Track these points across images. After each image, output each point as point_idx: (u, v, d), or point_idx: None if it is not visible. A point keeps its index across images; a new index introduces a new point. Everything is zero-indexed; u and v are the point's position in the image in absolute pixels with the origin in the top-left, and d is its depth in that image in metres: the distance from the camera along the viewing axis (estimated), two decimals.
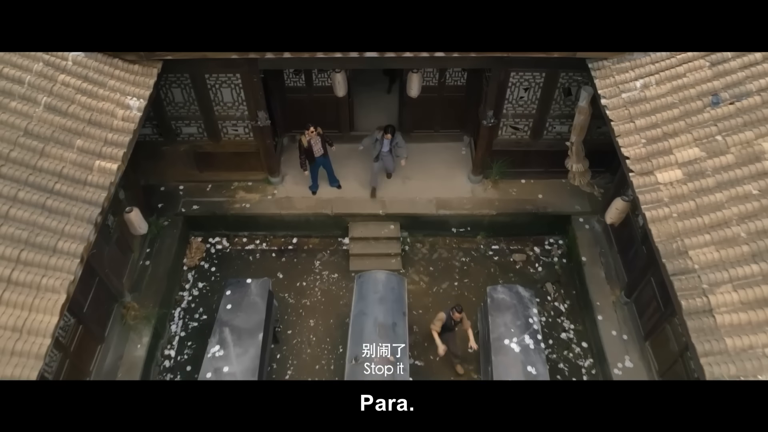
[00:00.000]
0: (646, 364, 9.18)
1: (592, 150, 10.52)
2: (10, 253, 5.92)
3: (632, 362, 9.34)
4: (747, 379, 5.04)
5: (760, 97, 6.85)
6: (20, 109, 6.93)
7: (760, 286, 5.70)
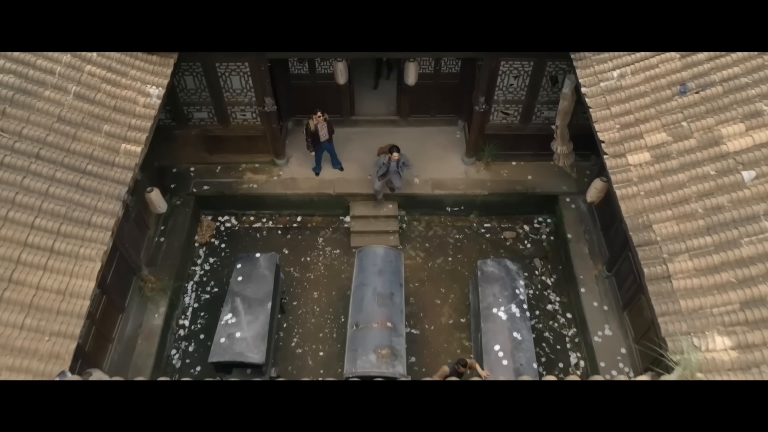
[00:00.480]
0: (623, 332, 9.97)
1: (579, 134, 11.21)
2: (51, 226, 6.70)
3: (611, 331, 10.14)
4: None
5: (722, 87, 7.57)
6: (53, 98, 7.66)
7: (711, 255, 6.48)
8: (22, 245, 6.45)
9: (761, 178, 6.70)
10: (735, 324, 6.02)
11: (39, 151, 7.12)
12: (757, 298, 6.05)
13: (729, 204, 6.71)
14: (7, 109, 7.23)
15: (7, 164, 6.86)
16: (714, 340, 5.98)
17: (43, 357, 5.97)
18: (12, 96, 7.36)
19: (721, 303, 6.17)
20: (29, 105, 7.43)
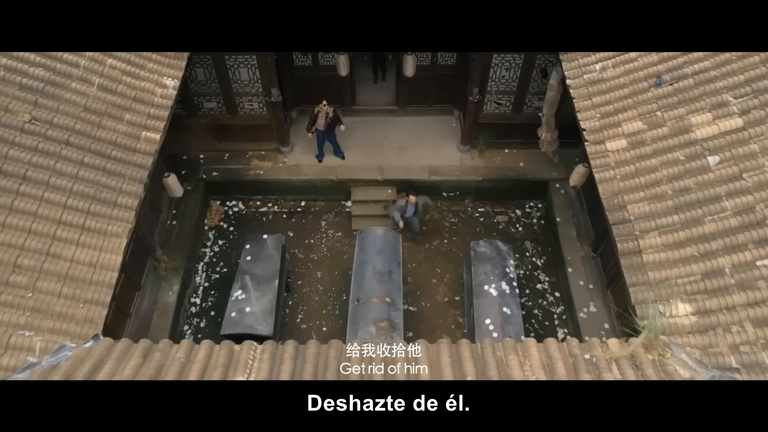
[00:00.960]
0: (606, 309, 10.69)
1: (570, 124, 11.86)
2: (82, 206, 7.41)
3: (596, 307, 10.87)
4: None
5: (693, 79, 8.25)
6: (79, 89, 8.34)
7: (678, 232, 7.19)
8: (56, 223, 7.17)
9: (724, 163, 7.40)
10: (696, 293, 6.74)
11: (69, 138, 7.82)
12: (716, 269, 6.77)
13: (695, 186, 7.41)
14: (39, 100, 7.91)
15: (40, 150, 7.55)
16: (677, 307, 6.70)
17: (79, 321, 6.70)
18: (42, 88, 8.05)
19: (684, 274, 6.89)
20: (58, 96, 8.12)
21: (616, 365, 6.23)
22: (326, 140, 12.54)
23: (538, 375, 6.04)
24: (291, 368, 6.11)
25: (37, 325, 6.46)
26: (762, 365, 6.05)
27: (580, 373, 6.09)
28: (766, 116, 7.49)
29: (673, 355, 6.38)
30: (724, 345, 6.30)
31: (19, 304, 6.52)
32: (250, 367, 6.14)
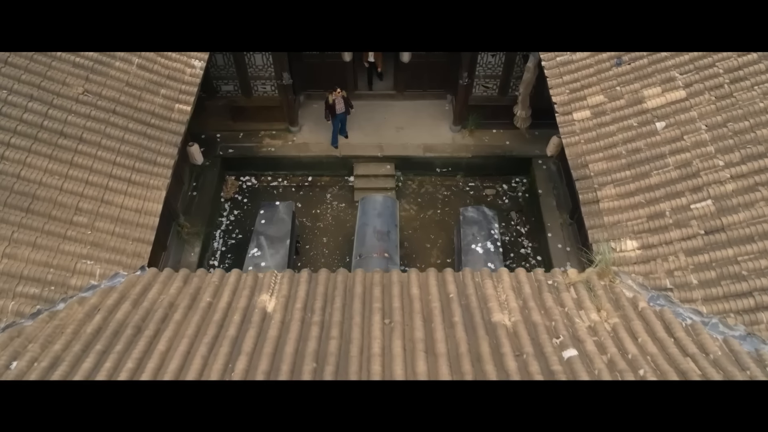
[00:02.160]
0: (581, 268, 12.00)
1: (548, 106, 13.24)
2: (128, 163, 8.80)
3: (572, 266, 12.16)
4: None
5: (647, 59, 9.64)
6: (121, 67, 9.73)
7: (629, 184, 8.57)
8: (108, 176, 8.55)
9: (669, 127, 8.78)
10: (641, 232, 8.13)
11: (115, 108, 9.21)
12: (658, 213, 8.15)
13: (644, 146, 8.79)
14: (90, 76, 9.30)
15: (93, 117, 8.94)
16: (626, 243, 8.09)
17: (129, 255, 8.09)
18: (92, 66, 9.43)
19: (632, 218, 8.28)
20: (105, 73, 9.50)
21: (573, 288, 7.63)
22: (341, 123, 13.84)
23: (508, 294, 7.43)
24: (306, 289, 7.49)
25: (96, 256, 7.85)
26: (690, 285, 7.43)
27: (542, 292, 7.49)
28: (704, 88, 8.87)
29: (621, 281, 7.78)
30: (661, 271, 7.68)
31: (81, 239, 7.90)
32: (272, 288, 7.52)
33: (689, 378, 6.14)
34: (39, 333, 6.87)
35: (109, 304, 7.23)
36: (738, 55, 8.91)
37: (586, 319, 7.09)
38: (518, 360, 6.39)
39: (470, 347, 6.53)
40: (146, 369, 6.21)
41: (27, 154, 8.15)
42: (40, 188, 8.00)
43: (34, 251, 7.52)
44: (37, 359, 6.45)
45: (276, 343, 6.60)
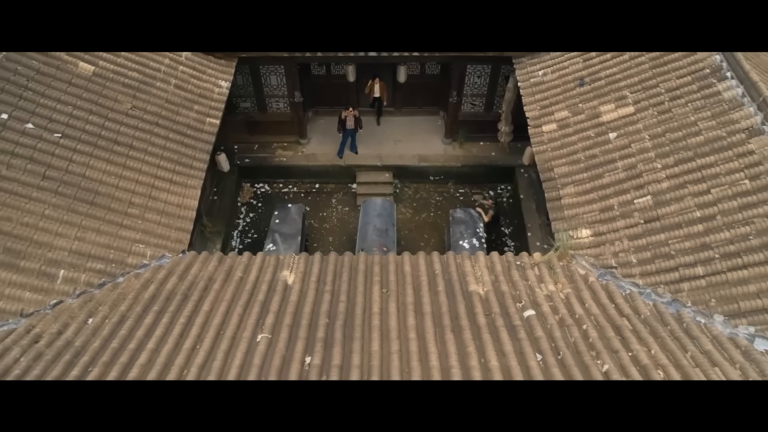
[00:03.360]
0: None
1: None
2: (170, 166, 10.59)
3: None
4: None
5: (604, 81, 11.47)
6: (162, 87, 11.56)
7: (585, 184, 10.33)
8: (154, 177, 10.33)
9: (620, 137, 10.56)
10: (594, 222, 9.87)
11: (157, 121, 11.01)
12: (608, 207, 9.90)
13: (599, 153, 10.57)
14: (136, 94, 11.12)
15: (140, 128, 10.74)
16: (581, 232, 9.83)
17: (173, 241, 9.82)
18: (137, 86, 11.26)
19: (587, 211, 10.03)
20: (148, 92, 11.33)
21: (537, 267, 9.36)
22: (349, 136, 15.64)
23: (482, 271, 9.14)
24: (319, 267, 9.22)
25: (146, 241, 9.59)
26: (630, 263, 9.15)
27: (511, 270, 9.20)
28: (648, 105, 10.68)
29: (576, 262, 9.50)
30: (608, 253, 9.40)
31: (134, 227, 9.65)
32: (291, 266, 9.25)
33: (623, 332, 7.84)
34: (106, 298, 8.61)
35: (159, 278, 8.97)
36: (677, 77, 10.73)
37: (544, 290, 8.81)
38: (487, 318, 8.11)
39: (450, 308, 8.25)
40: (195, 324, 7.93)
41: (90, 158, 9.93)
42: (101, 186, 9.77)
43: (99, 236, 9.27)
44: (107, 316, 8.17)
45: (296, 305, 8.32)
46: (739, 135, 9.49)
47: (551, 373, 7.09)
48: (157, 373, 7.06)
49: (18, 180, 9.14)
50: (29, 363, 7.28)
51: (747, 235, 8.54)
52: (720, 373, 7.13)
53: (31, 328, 7.94)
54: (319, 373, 7.10)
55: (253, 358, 7.28)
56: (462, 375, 7.03)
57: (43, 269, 8.62)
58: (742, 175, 9.10)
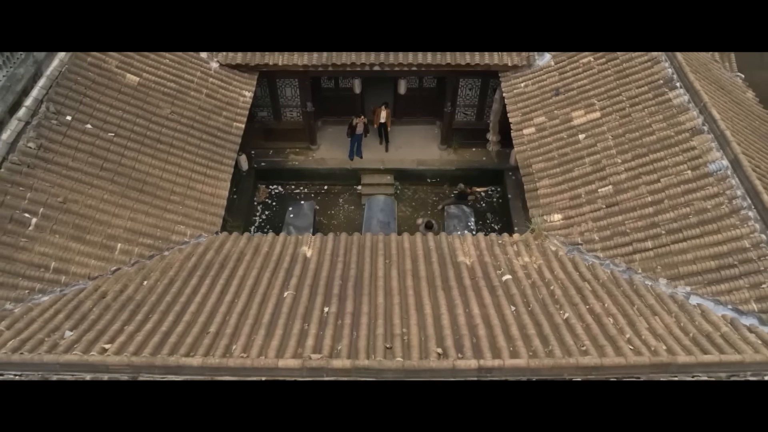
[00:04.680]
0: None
1: None
2: (204, 162, 12.42)
3: None
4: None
5: (576, 90, 13.34)
6: (195, 96, 13.43)
7: (558, 177, 12.13)
8: (192, 171, 12.14)
9: (588, 138, 12.39)
10: (564, 208, 11.66)
11: (193, 124, 12.87)
12: (576, 195, 11.68)
13: (571, 152, 12.39)
14: (174, 102, 12.99)
15: (178, 130, 12.58)
16: (553, 216, 11.61)
17: (208, 223, 11.60)
18: (175, 94, 13.14)
19: (559, 199, 11.82)
20: (184, 99, 13.20)
21: (516, 245, 11.12)
22: (357, 143, 17.47)
23: (469, 247, 10.90)
24: (332, 244, 10.97)
25: (186, 223, 11.37)
26: (594, 240, 10.91)
27: (493, 246, 10.97)
28: (612, 110, 12.53)
29: (549, 240, 11.27)
30: (576, 233, 11.16)
31: (176, 211, 11.44)
32: (309, 243, 11.01)
33: (583, 291, 9.59)
34: (156, 267, 10.37)
35: (198, 252, 10.74)
36: (636, 86, 12.60)
37: (521, 261, 10.58)
38: (472, 281, 9.86)
39: (441, 274, 10.01)
40: (232, 285, 9.68)
41: (138, 154, 11.77)
42: (147, 177, 11.58)
43: (147, 217, 11.06)
44: (159, 279, 9.93)
45: (315, 271, 10.08)
46: (684, 134, 11.33)
47: (522, 320, 8.84)
48: (206, 318, 8.81)
49: (82, 170, 10.95)
50: (100, 312, 9.03)
51: (687, 215, 10.32)
52: (659, 320, 8.89)
53: (97, 287, 9.70)
54: (335, 319, 8.84)
55: (282, 307, 9.05)
56: (450, 321, 8.77)
57: (104, 242, 10.40)
58: (685, 166, 10.91)
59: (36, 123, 10.89)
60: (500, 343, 8.20)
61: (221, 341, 8.21)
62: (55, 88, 11.47)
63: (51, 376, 7.53)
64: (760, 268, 9.21)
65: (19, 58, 11.28)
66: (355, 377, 7.42)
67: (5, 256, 9.38)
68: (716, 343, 8.20)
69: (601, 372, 7.53)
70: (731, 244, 9.63)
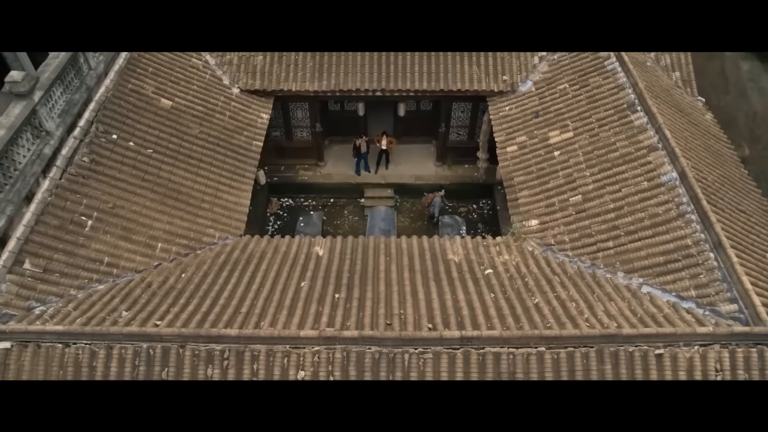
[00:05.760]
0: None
1: None
2: (229, 175, 14.31)
3: None
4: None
5: (553, 113, 15.26)
6: (220, 118, 15.36)
7: (536, 188, 13.99)
8: (218, 182, 14.03)
9: (562, 154, 14.28)
10: (540, 215, 13.49)
11: (218, 142, 14.79)
12: (551, 204, 13.53)
13: (547, 166, 14.26)
14: (202, 123, 14.93)
15: (207, 147, 14.50)
16: (531, 222, 13.45)
17: (232, 227, 13.44)
18: (203, 116, 15.08)
19: (536, 207, 13.66)
20: (210, 120, 15.13)
21: (498, 246, 12.95)
22: (363, 160, 19.36)
23: (458, 247, 12.73)
24: (340, 245, 12.79)
25: (215, 227, 13.22)
26: (564, 242, 12.72)
27: (478, 247, 12.80)
28: (584, 131, 14.44)
29: (526, 242, 13.09)
30: (550, 236, 12.98)
31: (206, 217, 13.30)
32: (320, 244, 12.84)
33: (552, 282, 11.39)
34: (191, 262, 12.20)
35: (227, 251, 12.58)
36: (604, 110, 14.51)
37: (501, 259, 12.40)
38: (459, 274, 11.68)
39: (433, 268, 11.83)
40: (257, 277, 11.50)
41: (173, 168, 13.66)
42: (181, 187, 13.47)
43: (182, 221, 12.91)
44: (194, 272, 11.75)
45: (326, 266, 11.90)
46: (642, 151, 13.22)
47: (499, 304, 10.64)
48: (237, 302, 10.61)
49: (127, 181, 12.84)
50: (148, 297, 10.85)
51: (642, 219, 12.16)
52: (614, 305, 10.68)
53: (143, 278, 11.52)
54: (344, 303, 10.64)
55: (300, 294, 10.86)
56: (439, 304, 10.56)
57: (147, 242, 12.24)
58: (642, 178, 12.79)
59: (88, 141, 12.79)
60: (480, 321, 10.01)
61: (251, 319, 10.02)
62: (102, 111, 13.39)
63: (115, 345, 9.33)
64: (698, 262, 11.03)
65: (75, 85, 13.23)
66: (361, 345, 9.22)
67: (68, 251, 11.21)
68: (658, 321, 9.99)
69: (560, 341, 9.34)
70: (677, 243, 11.45)
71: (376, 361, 9.20)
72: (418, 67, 16.90)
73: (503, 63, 16.94)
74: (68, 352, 9.33)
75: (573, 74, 15.91)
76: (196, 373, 9.20)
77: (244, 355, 9.23)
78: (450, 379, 9.10)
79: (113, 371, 9.24)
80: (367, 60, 16.90)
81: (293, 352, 9.23)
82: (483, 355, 9.25)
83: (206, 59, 16.66)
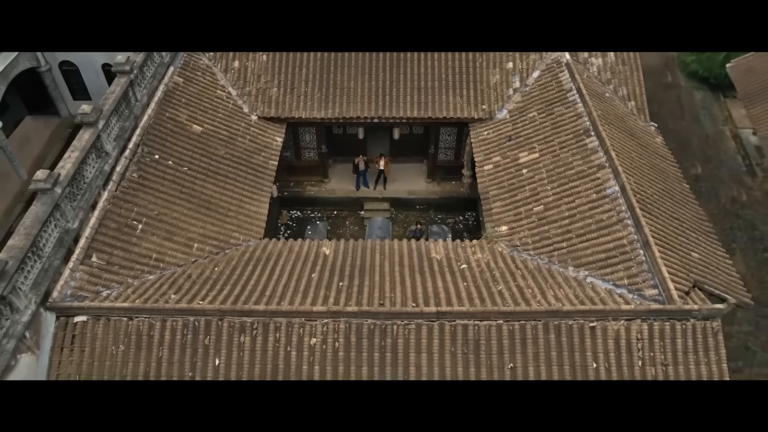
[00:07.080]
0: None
1: None
2: (250, 189, 17.09)
3: None
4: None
5: (523, 137, 18.05)
6: (241, 141, 18.17)
7: (507, 200, 16.74)
8: (242, 195, 16.79)
9: (530, 171, 17.04)
10: (511, 221, 16.22)
11: (240, 162, 17.58)
12: (518, 213, 16.25)
13: (517, 182, 17.01)
14: (227, 145, 17.73)
15: (231, 165, 17.27)
16: (502, 228, 16.18)
17: (254, 232, 16.16)
18: (227, 139, 17.90)
19: (506, 216, 16.39)
20: (234, 143, 17.94)
21: (473, 247, 15.66)
22: (362, 176, 22.15)
23: (440, 248, 15.44)
24: (344, 246, 15.50)
25: (239, 231, 15.95)
26: (528, 243, 15.42)
27: (457, 248, 15.51)
28: (547, 152, 17.21)
29: (497, 244, 15.79)
30: (516, 239, 15.69)
31: (232, 223, 16.04)
32: (327, 246, 15.55)
33: (514, 274, 14.09)
34: (221, 259, 14.91)
35: (250, 250, 15.29)
36: (564, 135, 17.31)
37: (475, 257, 15.10)
38: (439, 269, 14.38)
39: (418, 264, 14.54)
40: (275, 270, 14.20)
41: (204, 183, 16.44)
42: (212, 199, 16.23)
43: (213, 226, 15.65)
44: (225, 267, 14.45)
45: (332, 263, 14.60)
46: (593, 168, 15.99)
47: (470, 290, 13.33)
48: (261, 288, 13.29)
49: (168, 193, 15.60)
50: (190, 285, 13.54)
51: (590, 224, 14.88)
52: (563, 291, 13.35)
53: (184, 271, 14.22)
54: (347, 289, 13.33)
55: (312, 281, 13.56)
56: (422, 291, 13.24)
57: (185, 242, 14.96)
58: (592, 191, 15.54)
59: (136, 160, 15.58)
60: (453, 301, 12.70)
61: (274, 300, 12.72)
62: (146, 135, 16.20)
63: (168, 319, 12.03)
64: (631, 257, 13.72)
65: (126, 114, 16.06)
66: (359, 318, 11.92)
67: (125, 249, 13.94)
68: (594, 302, 12.67)
69: (514, 316, 12.04)
70: (615, 243, 14.16)
71: (371, 330, 11.90)
72: (410, 97, 19.77)
73: (483, 94, 19.82)
74: (131, 324, 12.02)
75: (541, 104, 18.74)
76: (232, 341, 11.88)
77: (269, 326, 11.93)
78: (428, 344, 11.78)
79: (167, 339, 11.92)
80: (366, 92, 19.79)
81: (307, 324, 11.93)
82: (454, 326, 11.94)
83: (229, 90, 19.55)
